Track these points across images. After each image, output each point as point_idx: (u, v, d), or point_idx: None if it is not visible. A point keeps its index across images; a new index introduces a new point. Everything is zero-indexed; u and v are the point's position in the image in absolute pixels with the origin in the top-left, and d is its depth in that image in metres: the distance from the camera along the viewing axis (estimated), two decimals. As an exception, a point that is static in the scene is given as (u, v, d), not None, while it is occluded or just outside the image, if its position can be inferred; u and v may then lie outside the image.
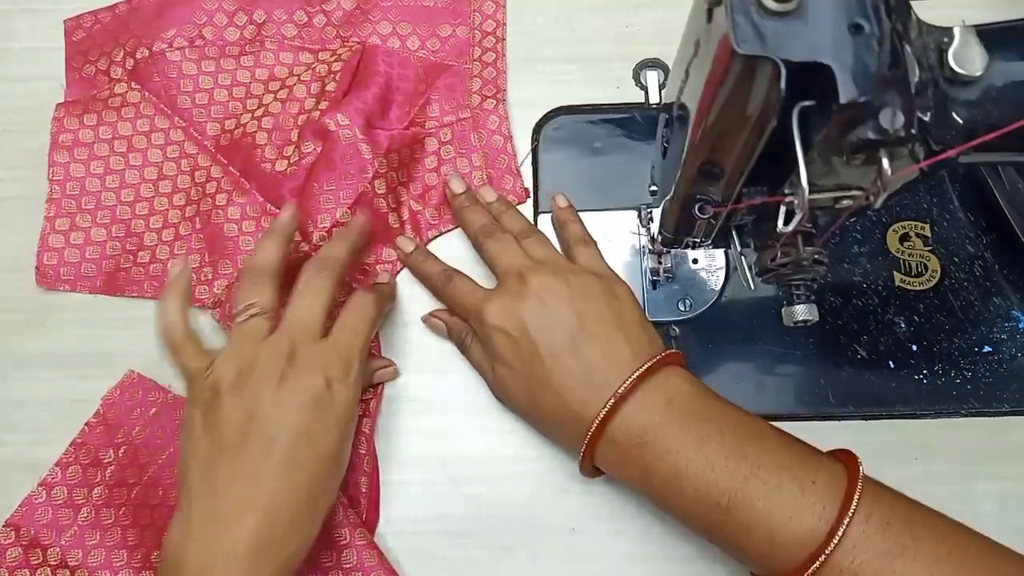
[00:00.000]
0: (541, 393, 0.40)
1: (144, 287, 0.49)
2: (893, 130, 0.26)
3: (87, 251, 0.49)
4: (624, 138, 0.51)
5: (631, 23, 0.53)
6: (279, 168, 0.49)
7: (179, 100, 0.51)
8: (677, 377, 0.39)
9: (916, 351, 0.47)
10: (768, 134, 0.29)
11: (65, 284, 0.48)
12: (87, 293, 0.48)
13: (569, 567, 0.44)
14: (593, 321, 0.40)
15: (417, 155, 0.51)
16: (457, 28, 0.52)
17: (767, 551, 0.35)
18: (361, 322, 0.42)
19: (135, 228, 0.49)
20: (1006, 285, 0.48)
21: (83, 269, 0.49)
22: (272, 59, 0.52)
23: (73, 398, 0.47)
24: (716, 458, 0.36)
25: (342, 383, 0.39)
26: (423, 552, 0.45)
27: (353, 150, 0.48)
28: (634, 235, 0.49)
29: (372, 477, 0.45)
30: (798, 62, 0.25)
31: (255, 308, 0.41)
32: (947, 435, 0.46)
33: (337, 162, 0.48)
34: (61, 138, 0.50)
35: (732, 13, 0.26)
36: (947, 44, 0.29)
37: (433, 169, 0.50)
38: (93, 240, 0.49)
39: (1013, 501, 0.45)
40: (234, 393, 0.38)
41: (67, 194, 0.50)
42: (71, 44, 0.53)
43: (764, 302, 0.47)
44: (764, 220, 0.37)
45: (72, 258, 0.49)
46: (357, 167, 0.48)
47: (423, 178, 0.50)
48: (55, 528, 0.44)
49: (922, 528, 0.34)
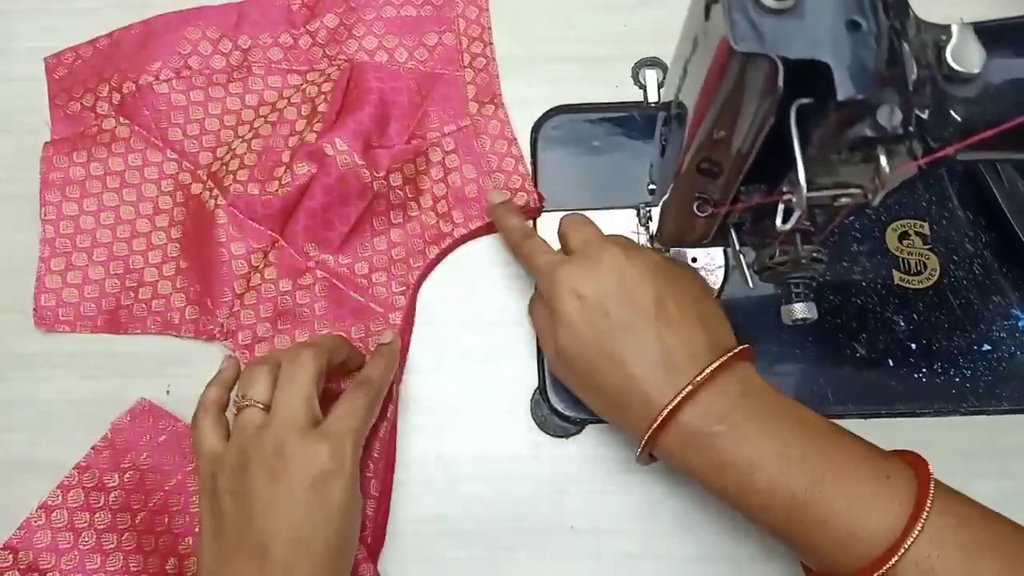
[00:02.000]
0: (608, 368, 0.38)
1: (147, 323, 0.48)
2: (891, 128, 0.26)
3: (86, 290, 0.48)
4: (623, 137, 0.51)
5: (630, 22, 0.53)
6: (270, 189, 0.47)
7: (170, 132, 0.50)
8: (750, 371, 0.39)
9: (915, 349, 0.47)
10: (766, 132, 0.29)
11: (64, 325, 0.48)
12: (88, 333, 0.48)
13: (569, 567, 0.44)
14: (672, 302, 0.39)
15: (422, 168, 0.50)
16: (443, 35, 0.52)
17: (843, 546, 0.34)
18: (354, 407, 0.41)
19: (134, 264, 0.49)
20: (1005, 283, 0.48)
21: (83, 309, 0.48)
22: (261, 84, 0.51)
23: (73, 398, 0.47)
24: (792, 451, 0.36)
25: (335, 474, 0.38)
26: (423, 552, 0.45)
27: (352, 175, 0.47)
28: (633, 234, 0.49)
29: (380, 502, 0.45)
30: (796, 60, 0.25)
31: (247, 401, 0.40)
32: (946, 433, 0.46)
33: (335, 186, 0.47)
34: (52, 176, 0.49)
35: (730, 11, 0.26)
36: (945, 41, 0.29)
37: (440, 179, 0.50)
38: (91, 279, 0.48)
39: (1013, 500, 0.44)
40: (231, 492, 0.38)
41: (61, 233, 0.49)
42: (53, 82, 0.52)
43: (763, 300, 0.47)
44: (763, 218, 0.37)
45: (71, 298, 0.48)
46: (356, 191, 0.47)
47: (431, 190, 0.50)
48: (55, 552, 0.43)
49: (999, 525, 0.35)
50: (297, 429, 0.38)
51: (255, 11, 0.53)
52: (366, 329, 0.47)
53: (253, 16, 0.52)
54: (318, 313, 0.48)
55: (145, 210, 0.49)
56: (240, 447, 0.39)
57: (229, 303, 0.47)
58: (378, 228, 0.49)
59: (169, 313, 0.48)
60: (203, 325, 0.47)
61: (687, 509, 0.45)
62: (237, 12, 0.53)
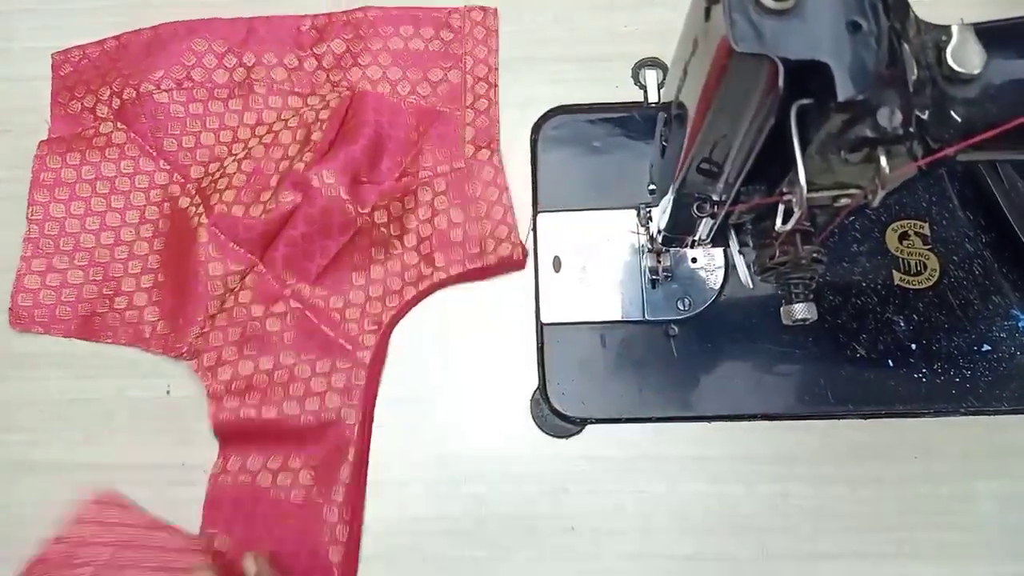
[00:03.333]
0: None
1: (119, 334, 0.48)
2: (891, 128, 0.26)
3: (63, 293, 0.48)
4: (623, 137, 0.51)
5: (630, 22, 0.53)
6: (254, 213, 0.47)
7: (165, 143, 0.50)
8: None
9: (915, 350, 0.47)
10: (766, 132, 0.29)
11: (38, 327, 0.48)
12: (60, 337, 0.48)
13: (568, 567, 0.44)
14: None
15: (410, 206, 0.49)
16: (449, 72, 0.52)
17: None
18: None
19: (113, 272, 0.49)
20: (1005, 284, 0.47)
21: (58, 312, 0.48)
22: (261, 103, 0.51)
23: (73, 398, 0.47)
24: None
25: None
26: (423, 552, 0.45)
27: (337, 208, 0.47)
28: (633, 234, 0.49)
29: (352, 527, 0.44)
30: (796, 60, 0.25)
31: None
32: (946, 434, 0.46)
33: (318, 218, 0.47)
34: (42, 176, 0.50)
35: (730, 11, 0.26)
36: (945, 42, 0.29)
37: (427, 220, 0.49)
38: (70, 283, 0.48)
39: (1013, 500, 0.45)
40: None
41: (45, 234, 0.49)
42: (58, 78, 0.52)
43: (763, 301, 0.47)
44: (763, 219, 0.37)
45: (47, 300, 0.48)
46: (339, 224, 0.47)
47: (417, 229, 0.49)
48: None
49: None
50: None
51: (264, 28, 0.52)
52: (332, 365, 0.47)
53: (261, 33, 0.52)
54: (286, 342, 0.47)
55: (131, 218, 0.49)
56: None
57: (201, 323, 0.47)
58: (358, 263, 0.48)
59: (141, 326, 0.48)
60: (172, 342, 0.47)
61: (687, 509, 0.45)
62: (246, 28, 0.52)
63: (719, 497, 0.45)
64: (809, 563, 0.44)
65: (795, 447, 0.46)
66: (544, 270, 0.49)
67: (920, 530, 0.44)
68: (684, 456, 0.46)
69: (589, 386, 0.47)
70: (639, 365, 0.47)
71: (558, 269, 0.49)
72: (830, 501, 0.45)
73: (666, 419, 0.46)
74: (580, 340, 0.48)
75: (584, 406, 0.46)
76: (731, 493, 0.45)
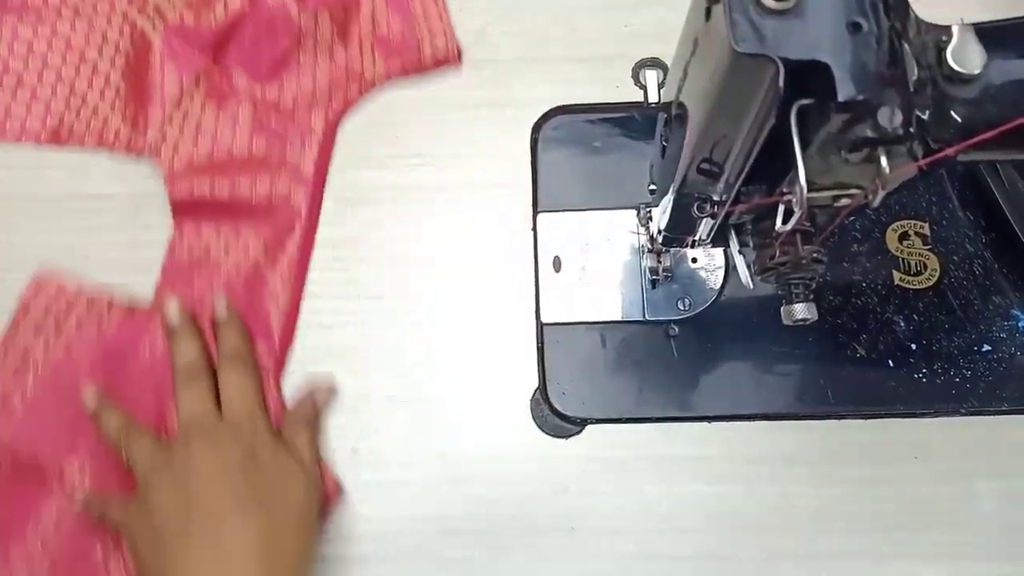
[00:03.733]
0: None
1: (85, 138, 0.51)
2: (891, 128, 0.26)
3: (33, 106, 0.52)
4: (623, 137, 0.51)
5: (630, 22, 0.53)
6: (205, 21, 0.52)
7: None
8: None
9: (915, 350, 0.47)
10: (766, 133, 0.29)
11: (10, 135, 0.52)
12: (31, 142, 0.51)
13: (568, 567, 0.44)
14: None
15: (352, 13, 0.53)
16: None
17: None
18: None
19: (78, 88, 0.52)
20: (1005, 284, 0.47)
21: (28, 123, 0.52)
22: None
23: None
24: None
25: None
26: (423, 552, 0.45)
27: (281, 13, 0.51)
28: (633, 234, 0.49)
29: (292, 296, 0.48)
30: (796, 60, 0.25)
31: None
32: (947, 434, 0.46)
33: (263, 22, 0.51)
34: (11, 1, 0.53)
35: (730, 11, 0.26)
36: (946, 42, 0.29)
37: (368, 22, 0.53)
38: (39, 97, 0.52)
39: (1013, 500, 0.45)
40: None
41: (15, 54, 0.53)
42: None
43: (763, 301, 0.47)
44: (763, 219, 0.37)
45: (19, 112, 0.52)
46: (284, 28, 0.52)
47: (359, 32, 0.53)
48: None
49: None
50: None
51: None
52: (283, 153, 0.51)
53: None
54: (239, 136, 0.51)
55: (95, 40, 0.53)
56: None
57: (159, 124, 0.51)
58: (304, 64, 0.53)
59: (104, 130, 0.51)
60: (133, 142, 0.51)
61: (686, 509, 0.45)
62: None
63: (719, 497, 0.45)
64: (809, 563, 0.44)
65: (795, 447, 0.46)
66: (544, 270, 0.49)
67: (920, 530, 0.44)
68: (684, 456, 0.46)
69: (589, 386, 0.47)
70: (639, 365, 0.47)
71: (558, 269, 0.49)
72: (830, 501, 0.45)
73: (666, 419, 0.46)
74: (580, 340, 0.48)
75: (584, 406, 0.46)
76: (731, 493, 0.45)
